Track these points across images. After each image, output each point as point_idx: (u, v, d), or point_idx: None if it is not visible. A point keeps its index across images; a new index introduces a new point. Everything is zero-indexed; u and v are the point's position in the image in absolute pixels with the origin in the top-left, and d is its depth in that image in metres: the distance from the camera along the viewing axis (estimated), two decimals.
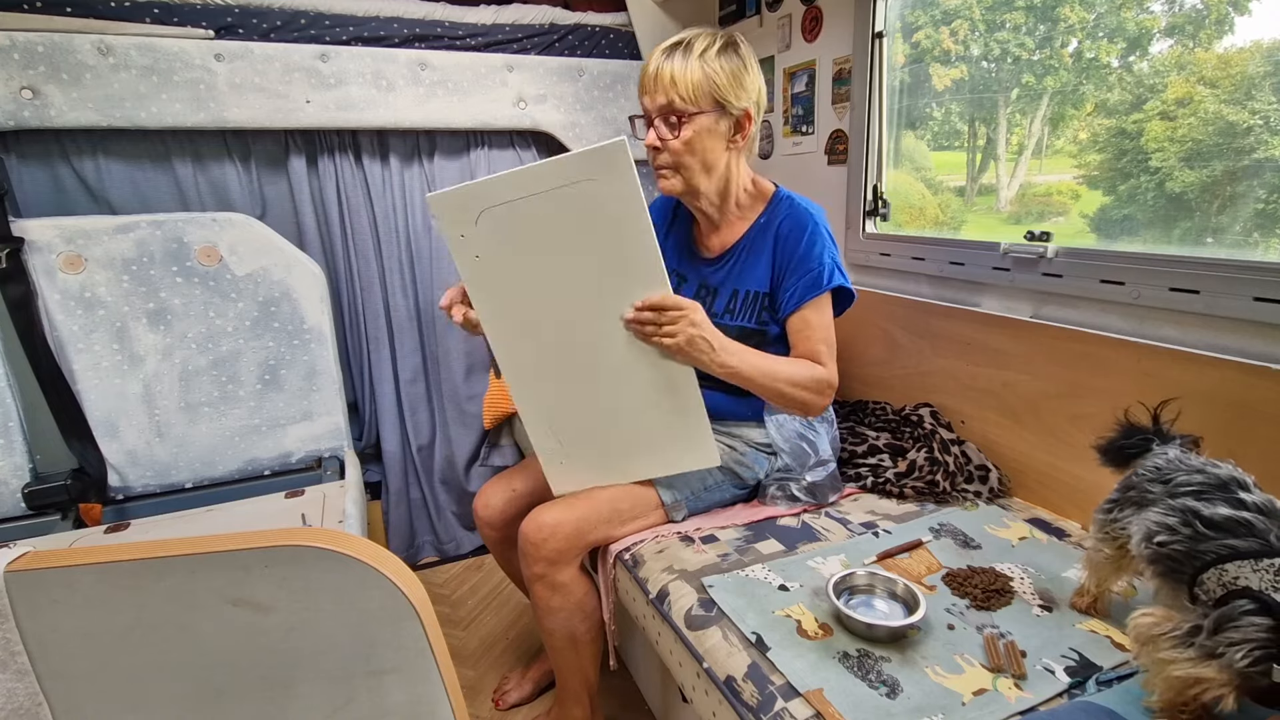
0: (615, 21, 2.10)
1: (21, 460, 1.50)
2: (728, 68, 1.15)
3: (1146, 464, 0.86)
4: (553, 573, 1.18)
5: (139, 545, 0.53)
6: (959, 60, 1.60)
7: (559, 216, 1.00)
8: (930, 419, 1.50)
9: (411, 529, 2.16)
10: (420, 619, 0.57)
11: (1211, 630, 0.66)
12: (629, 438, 1.19)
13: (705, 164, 1.20)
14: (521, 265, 1.06)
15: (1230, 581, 0.68)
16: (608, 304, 1.06)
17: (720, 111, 1.16)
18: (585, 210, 0.99)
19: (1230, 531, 0.70)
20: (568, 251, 1.03)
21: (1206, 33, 1.16)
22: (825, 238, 1.24)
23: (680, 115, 1.15)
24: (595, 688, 1.33)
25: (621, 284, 1.05)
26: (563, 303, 1.08)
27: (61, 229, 1.48)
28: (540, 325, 1.10)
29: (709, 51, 1.14)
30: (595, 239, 1.01)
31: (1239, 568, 0.67)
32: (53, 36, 1.52)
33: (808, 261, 1.21)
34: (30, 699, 0.55)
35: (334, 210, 1.91)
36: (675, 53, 1.15)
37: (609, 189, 0.97)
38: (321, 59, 1.75)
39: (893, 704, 0.82)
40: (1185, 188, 1.20)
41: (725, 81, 1.14)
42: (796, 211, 1.25)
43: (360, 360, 2.04)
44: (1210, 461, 0.80)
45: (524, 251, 1.04)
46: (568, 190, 0.98)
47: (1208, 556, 0.70)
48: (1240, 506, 0.71)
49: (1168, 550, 0.74)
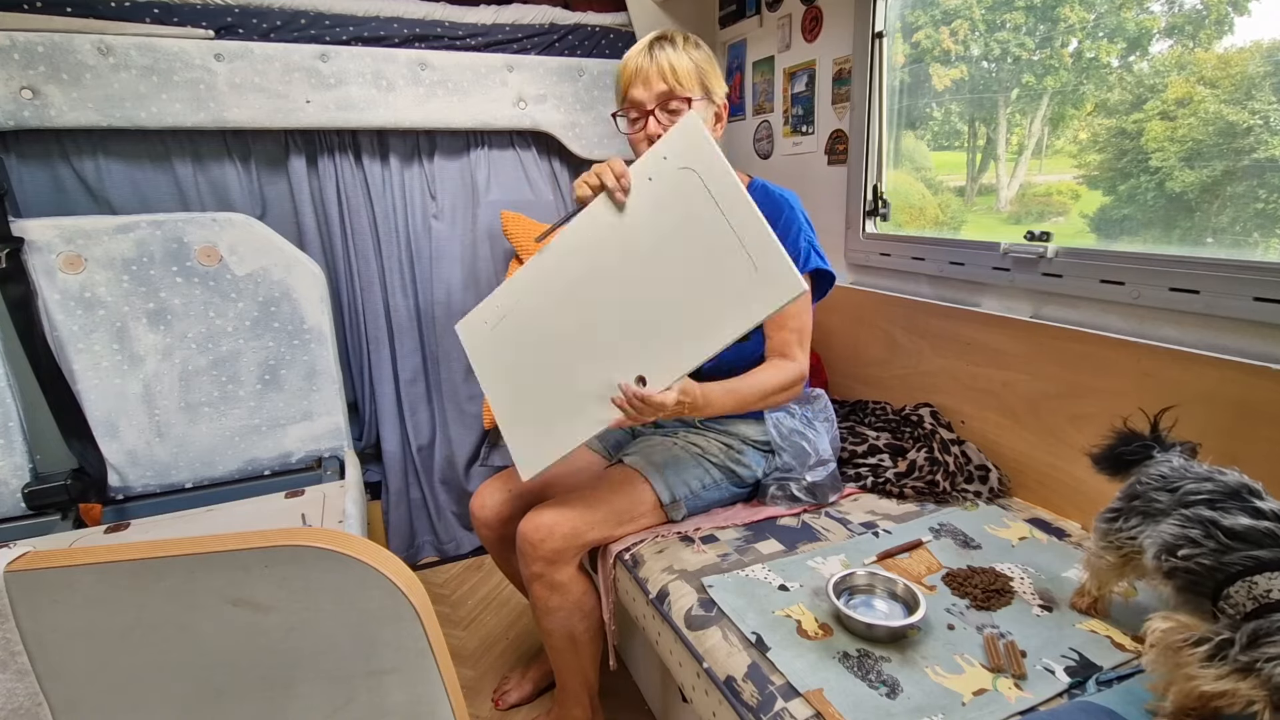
0: (615, 21, 2.10)
1: (21, 460, 1.50)
2: (707, 59, 1.20)
3: (1150, 472, 0.85)
4: (551, 572, 1.18)
5: (139, 545, 0.53)
6: (959, 60, 1.60)
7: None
8: (930, 419, 1.50)
9: (411, 529, 2.16)
10: (420, 619, 0.57)
11: (1246, 644, 0.64)
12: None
13: None
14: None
15: (1262, 595, 0.65)
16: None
17: (708, 99, 1.21)
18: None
19: (1255, 543, 0.68)
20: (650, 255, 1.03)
21: (1206, 33, 1.16)
22: (800, 222, 1.26)
23: (682, 100, 1.17)
24: (595, 688, 1.33)
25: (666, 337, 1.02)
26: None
27: (61, 229, 1.48)
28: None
29: (688, 44, 1.19)
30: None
31: (1270, 580, 0.65)
32: (53, 36, 1.52)
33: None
34: (30, 699, 0.55)
35: (334, 210, 1.91)
36: (662, 46, 1.18)
37: None
38: (321, 59, 1.75)
39: (893, 704, 0.82)
40: (1185, 188, 1.20)
41: (710, 71, 1.20)
42: (771, 199, 1.28)
43: (360, 360, 2.05)
44: (1216, 469, 0.79)
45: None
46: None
47: (1233, 569, 0.68)
48: (1259, 516, 0.70)
49: (1190, 564, 0.73)
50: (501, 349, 1.20)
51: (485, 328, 1.23)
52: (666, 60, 1.16)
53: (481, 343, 1.24)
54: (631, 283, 1.04)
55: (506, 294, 1.20)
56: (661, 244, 1.01)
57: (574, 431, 1.10)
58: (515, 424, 1.19)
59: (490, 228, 2.07)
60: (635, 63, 1.18)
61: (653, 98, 1.17)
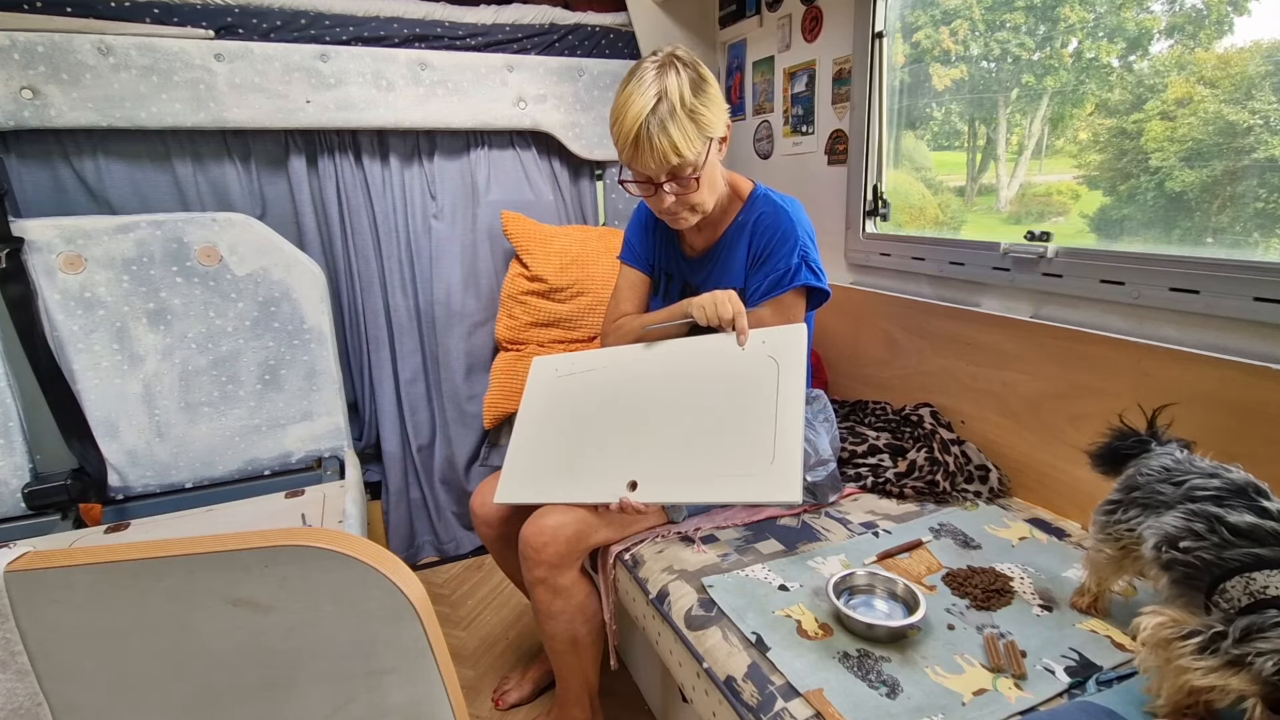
0: (615, 21, 2.10)
1: (21, 460, 1.50)
2: (702, 98, 1.13)
3: (1151, 464, 0.85)
4: (554, 576, 1.18)
5: (139, 545, 0.53)
6: (959, 60, 1.60)
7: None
8: (930, 419, 1.50)
9: (411, 529, 2.16)
10: (420, 619, 0.57)
11: (1238, 638, 0.64)
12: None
13: (712, 189, 1.25)
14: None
15: (1259, 590, 0.66)
16: None
17: (711, 143, 1.18)
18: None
19: (1259, 541, 0.68)
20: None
21: (1206, 33, 1.16)
22: (799, 235, 1.24)
23: (692, 171, 1.16)
24: (596, 689, 1.33)
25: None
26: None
27: (61, 229, 1.48)
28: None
29: (684, 90, 1.11)
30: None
31: (1269, 577, 0.66)
32: (53, 36, 1.52)
33: (774, 260, 1.24)
34: (30, 699, 0.55)
35: (334, 210, 1.91)
36: (659, 111, 1.10)
37: None
38: (321, 59, 1.75)
39: (893, 704, 0.82)
40: (1185, 187, 1.20)
41: (708, 116, 1.14)
42: (772, 209, 1.27)
43: (360, 360, 2.04)
44: (1221, 465, 0.79)
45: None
46: None
47: (1232, 564, 0.69)
48: (1265, 515, 0.70)
49: (1190, 557, 0.73)
50: (559, 396, 1.33)
51: (554, 373, 1.37)
52: (667, 136, 1.10)
53: (544, 381, 1.37)
54: (684, 408, 1.18)
55: (590, 358, 1.35)
56: (723, 397, 1.15)
57: (568, 492, 1.20)
58: (526, 455, 1.29)
59: (490, 228, 2.07)
60: (637, 134, 1.11)
61: (660, 173, 1.16)
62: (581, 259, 2.02)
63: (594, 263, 2.04)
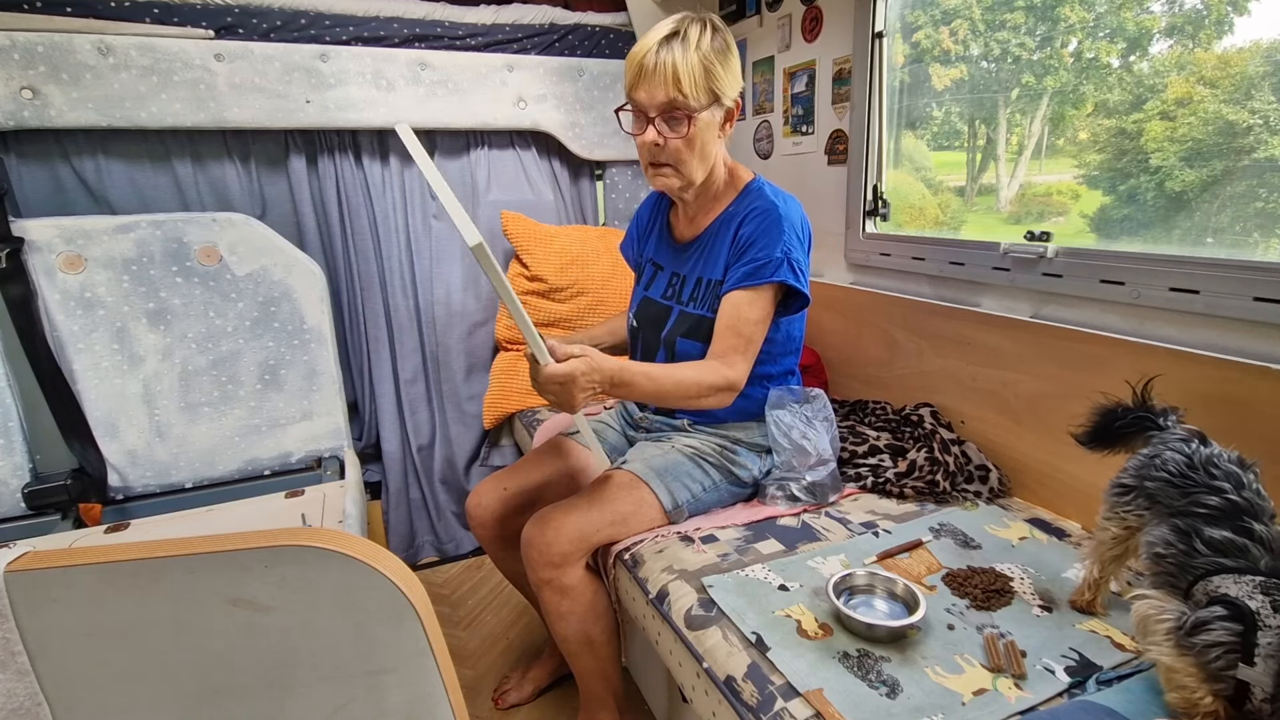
0: (615, 21, 2.10)
1: (21, 460, 1.50)
2: (721, 57, 1.13)
3: (1172, 456, 0.83)
4: (559, 576, 1.17)
5: (138, 545, 0.53)
6: (959, 60, 1.60)
7: None
8: (930, 419, 1.50)
9: (411, 529, 2.16)
10: (420, 619, 0.57)
11: (1188, 631, 0.71)
12: None
13: (703, 158, 1.20)
14: None
15: (1213, 590, 0.71)
16: None
17: (717, 104, 1.16)
18: None
19: (1225, 553, 0.74)
20: None
21: (1206, 33, 1.16)
22: (786, 232, 1.18)
23: (685, 113, 1.13)
24: (620, 689, 1.30)
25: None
26: None
27: (61, 229, 1.48)
28: None
29: (704, 40, 1.11)
30: None
31: (1223, 579, 0.72)
32: (53, 36, 1.52)
33: (755, 249, 1.19)
34: (30, 699, 0.55)
35: (334, 210, 1.91)
36: (673, 44, 1.10)
37: None
38: (321, 59, 1.75)
39: (893, 704, 0.82)
40: (1185, 187, 1.20)
41: (720, 72, 1.13)
42: (763, 202, 1.23)
43: (360, 360, 2.04)
44: (1235, 477, 0.78)
45: None
46: None
47: (1198, 571, 0.74)
48: (1247, 535, 0.73)
49: (1164, 566, 0.79)
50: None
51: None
52: (673, 63, 1.08)
53: None
54: None
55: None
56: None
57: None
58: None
59: (490, 228, 2.07)
60: (643, 59, 1.11)
61: (655, 106, 1.13)
62: (581, 259, 2.03)
63: (594, 263, 2.04)
